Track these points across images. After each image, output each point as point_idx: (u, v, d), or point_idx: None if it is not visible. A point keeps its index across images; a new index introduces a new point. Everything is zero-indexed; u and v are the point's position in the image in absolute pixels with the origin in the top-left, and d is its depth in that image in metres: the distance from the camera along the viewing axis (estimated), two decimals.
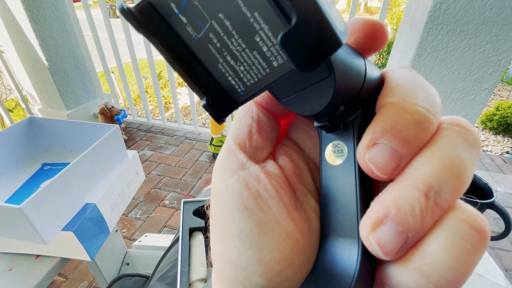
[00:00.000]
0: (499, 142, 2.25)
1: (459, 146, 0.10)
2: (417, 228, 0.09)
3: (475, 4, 0.92)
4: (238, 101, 0.12)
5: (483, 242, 0.09)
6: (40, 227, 0.39)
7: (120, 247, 0.72)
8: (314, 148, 0.16)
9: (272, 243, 0.12)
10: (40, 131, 0.60)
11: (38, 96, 1.87)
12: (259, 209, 0.13)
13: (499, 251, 1.15)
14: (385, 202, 0.10)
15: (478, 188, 0.52)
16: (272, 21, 0.09)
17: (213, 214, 0.14)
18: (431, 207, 0.09)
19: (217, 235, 0.14)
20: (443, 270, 0.09)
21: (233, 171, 0.13)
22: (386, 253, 0.10)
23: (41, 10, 1.54)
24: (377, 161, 0.10)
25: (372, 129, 0.10)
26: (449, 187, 0.09)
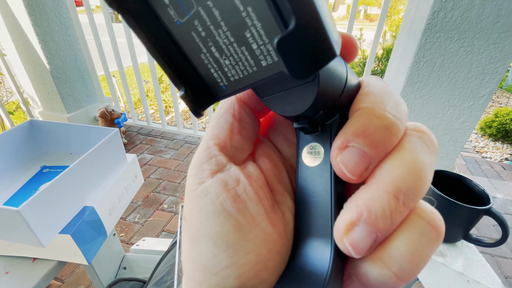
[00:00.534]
0: (498, 149, 2.25)
1: (421, 151, 0.11)
2: (386, 228, 0.10)
3: (472, 12, 0.93)
4: (219, 95, 0.11)
5: (437, 237, 0.11)
6: (38, 230, 0.39)
7: (118, 251, 0.72)
8: (291, 150, 0.16)
9: (249, 245, 0.12)
10: (40, 133, 0.61)
11: (39, 99, 1.87)
12: (237, 211, 0.12)
13: (499, 258, 1.14)
14: (357, 204, 0.10)
15: (476, 195, 0.52)
16: (267, 20, 0.08)
17: (188, 216, 0.13)
18: (400, 208, 0.10)
19: (190, 238, 0.13)
20: (402, 261, 0.10)
21: (212, 173, 0.13)
22: (358, 252, 0.10)
23: (44, 14, 1.56)
24: (348, 163, 0.11)
25: (344, 133, 0.11)
26: (415, 189, 0.10)
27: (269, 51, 0.09)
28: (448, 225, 0.51)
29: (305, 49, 0.08)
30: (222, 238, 0.12)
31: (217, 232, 0.12)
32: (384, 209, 0.10)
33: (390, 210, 0.10)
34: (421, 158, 0.11)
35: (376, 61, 2.58)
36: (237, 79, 0.11)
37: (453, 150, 1.23)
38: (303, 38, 0.08)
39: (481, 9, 0.92)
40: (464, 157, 2.04)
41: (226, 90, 0.11)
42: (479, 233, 1.26)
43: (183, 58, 0.11)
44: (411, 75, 1.11)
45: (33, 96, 1.89)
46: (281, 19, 0.08)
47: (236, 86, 0.11)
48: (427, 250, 0.10)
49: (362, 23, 11.65)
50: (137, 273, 0.73)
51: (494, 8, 0.90)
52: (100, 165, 0.52)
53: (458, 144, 1.21)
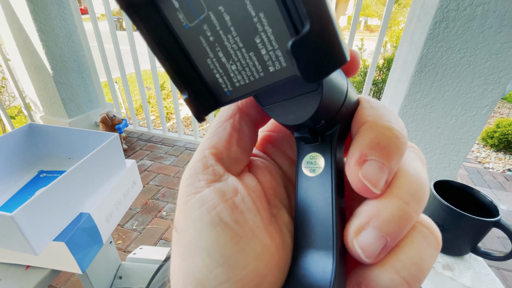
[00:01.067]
0: (501, 160, 2.23)
1: (419, 162, 0.12)
2: (395, 233, 0.10)
3: (474, 22, 0.94)
4: (223, 100, 0.11)
5: (438, 245, 0.11)
6: (31, 236, 0.37)
7: (114, 259, 0.70)
8: (290, 167, 0.16)
9: (246, 259, 0.11)
10: (40, 137, 0.60)
11: (41, 104, 1.88)
12: (235, 222, 0.12)
13: (504, 271, 1.12)
14: (368, 209, 0.11)
15: (483, 206, 0.51)
16: (278, 25, 0.08)
17: (180, 227, 0.13)
18: (408, 214, 0.11)
19: (182, 251, 0.12)
20: (411, 266, 0.10)
21: (208, 183, 0.12)
22: (368, 256, 0.11)
23: (49, 20, 1.58)
24: (370, 177, 0.11)
25: (359, 147, 0.11)
26: (420, 196, 0.11)
27: (278, 57, 0.09)
28: (456, 237, 0.50)
29: (318, 52, 0.08)
30: (218, 251, 0.11)
31: (213, 244, 0.11)
32: (393, 213, 0.10)
33: (398, 215, 0.10)
34: (420, 167, 0.12)
35: (377, 71, 2.60)
36: (242, 84, 0.11)
37: (456, 160, 1.22)
38: (317, 41, 0.08)
39: (483, 20, 0.92)
40: (467, 167, 2.02)
41: (230, 96, 0.11)
42: (484, 246, 1.23)
43: (188, 62, 0.11)
44: (413, 85, 1.11)
45: (35, 101, 1.90)
46: (292, 24, 0.08)
47: (241, 92, 0.11)
48: (431, 256, 0.11)
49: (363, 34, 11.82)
50: (133, 283, 0.71)
51: (497, 18, 0.91)
52: (98, 170, 0.51)
53: (461, 154, 1.20)
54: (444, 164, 1.25)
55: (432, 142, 1.21)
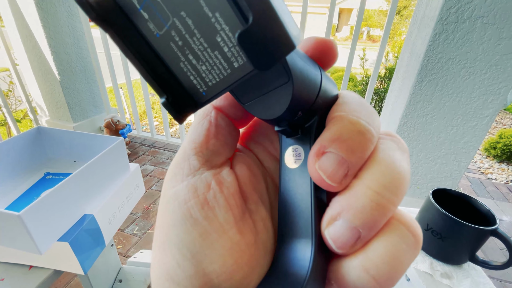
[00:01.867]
0: (504, 170, 2.22)
1: (395, 150, 0.11)
2: (368, 224, 0.10)
3: (473, 35, 0.96)
4: (200, 101, 0.12)
5: (416, 244, 0.11)
6: (37, 236, 0.38)
7: (115, 262, 0.71)
8: (272, 162, 0.16)
9: (214, 254, 0.12)
10: (47, 140, 0.62)
11: (47, 108, 1.91)
12: (204, 218, 0.12)
13: (506, 283, 1.10)
14: (340, 200, 0.11)
15: (481, 215, 0.51)
16: (232, 22, 0.09)
17: (157, 222, 0.13)
18: (381, 205, 0.10)
19: (157, 245, 0.13)
20: (380, 264, 0.10)
21: (183, 177, 0.13)
22: (339, 247, 0.11)
23: (58, 27, 1.62)
24: (327, 168, 0.11)
25: (321, 139, 0.11)
26: (394, 186, 0.10)
27: (238, 52, 0.10)
28: (454, 245, 0.50)
29: (264, 41, 0.08)
30: (187, 246, 0.12)
31: (183, 239, 0.12)
32: (364, 205, 0.10)
33: (370, 206, 0.10)
34: (397, 157, 0.11)
35: (379, 80, 2.62)
36: (214, 83, 0.11)
37: (457, 170, 1.22)
38: (261, 31, 0.08)
39: (483, 32, 0.94)
40: (469, 178, 2.01)
41: (206, 96, 0.12)
42: (487, 257, 1.22)
43: (164, 68, 0.11)
44: (413, 94, 1.12)
45: (42, 105, 1.93)
46: (242, 16, 0.08)
47: (215, 91, 0.11)
48: (406, 255, 0.10)
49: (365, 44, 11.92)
50: (133, 287, 0.71)
51: (496, 31, 0.93)
52: (103, 173, 0.52)
53: (463, 164, 1.20)
54: (445, 174, 1.25)
55: (433, 151, 1.21)
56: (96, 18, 0.09)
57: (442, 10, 0.95)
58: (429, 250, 0.53)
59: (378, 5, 12.43)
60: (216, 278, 0.12)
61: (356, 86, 2.77)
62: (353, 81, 2.86)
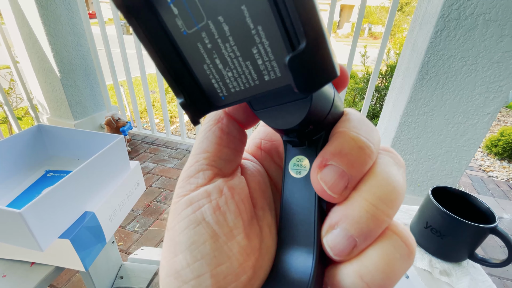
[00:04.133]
0: (505, 168, 2.21)
1: (392, 166, 0.12)
2: (364, 234, 0.11)
3: (475, 32, 0.95)
4: (217, 104, 0.12)
5: (410, 254, 0.11)
6: (38, 233, 0.39)
7: (116, 259, 0.71)
8: (276, 171, 0.17)
9: (222, 257, 0.12)
10: (48, 138, 0.62)
11: (47, 106, 1.91)
12: (216, 222, 0.13)
13: (506, 280, 1.10)
14: (338, 210, 0.12)
15: (481, 213, 0.51)
16: (275, 39, 0.09)
17: (169, 224, 0.14)
18: (377, 216, 0.11)
19: (168, 246, 0.14)
20: (375, 272, 0.11)
21: (198, 186, 0.13)
22: (336, 254, 0.11)
23: (58, 25, 1.62)
24: (327, 180, 0.11)
25: (323, 153, 0.12)
26: (390, 198, 0.11)
27: (273, 67, 0.10)
28: (453, 243, 0.50)
29: (312, 67, 0.09)
30: (197, 247, 0.12)
31: (194, 241, 0.12)
32: (360, 215, 0.11)
33: (366, 217, 0.11)
34: (393, 171, 0.12)
35: (380, 77, 2.61)
36: (237, 91, 0.11)
37: (458, 167, 1.22)
38: (311, 57, 0.08)
39: (484, 29, 0.94)
40: (470, 175, 2.01)
41: (225, 101, 0.12)
42: (487, 255, 1.22)
43: (184, 66, 0.11)
44: (414, 92, 1.12)
45: (42, 103, 1.93)
46: (289, 40, 0.09)
47: (235, 98, 0.11)
48: (400, 265, 0.11)
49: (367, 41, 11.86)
50: (133, 283, 0.72)
51: (497, 28, 0.92)
52: (103, 171, 0.53)
53: (463, 161, 1.20)
54: (446, 172, 1.24)
55: (434, 149, 1.21)
56: (121, 5, 0.09)
57: (444, 7, 0.94)
58: (428, 248, 0.54)
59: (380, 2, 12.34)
60: (223, 280, 0.12)
61: (357, 83, 2.76)
62: (354, 78, 2.85)
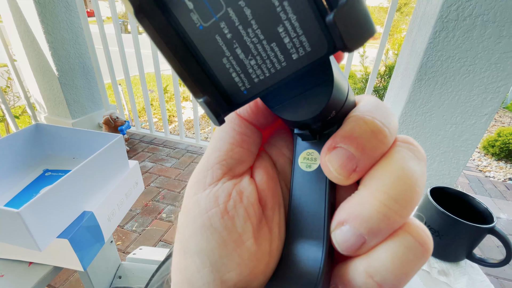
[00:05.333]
0: (502, 168, 2.23)
1: (411, 160, 0.11)
2: (374, 233, 0.11)
3: (473, 33, 0.95)
4: (239, 101, 0.11)
5: (424, 253, 0.11)
6: (36, 233, 0.38)
7: (114, 259, 0.71)
8: (285, 164, 0.16)
9: (232, 264, 0.12)
10: (45, 137, 0.61)
11: (45, 104, 1.90)
12: (224, 228, 0.12)
13: (503, 280, 1.11)
14: (349, 207, 0.11)
15: (478, 213, 0.51)
16: (303, 11, 0.08)
17: (179, 227, 0.13)
18: (389, 216, 0.10)
19: (179, 249, 0.13)
20: (385, 272, 0.10)
21: (206, 186, 0.13)
22: (343, 249, 0.11)
23: (56, 23, 1.61)
24: (335, 162, 0.11)
25: (334, 136, 0.12)
26: (405, 198, 0.10)
27: (302, 42, 0.09)
28: (451, 243, 0.51)
29: (357, 21, 0.08)
30: (206, 254, 0.12)
31: (202, 248, 0.12)
32: (371, 215, 0.10)
33: (377, 217, 0.10)
34: (411, 167, 0.11)
35: (378, 78, 2.61)
36: (261, 79, 0.10)
37: (456, 168, 1.22)
38: (355, 10, 0.08)
39: (483, 30, 0.94)
40: (467, 175, 2.02)
41: (247, 95, 0.11)
42: (484, 255, 1.23)
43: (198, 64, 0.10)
44: (413, 92, 1.12)
45: (40, 101, 1.92)
46: (318, 7, 0.08)
47: (259, 88, 0.11)
48: (412, 266, 0.10)
49: None
50: (132, 283, 0.71)
51: (496, 29, 0.92)
52: (102, 170, 0.52)
53: (461, 162, 1.20)
54: (443, 172, 1.25)
55: (432, 149, 1.21)
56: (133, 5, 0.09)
57: (442, 8, 0.95)
58: None
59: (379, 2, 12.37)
60: (234, 286, 0.12)
61: (355, 84, 2.76)
62: (352, 79, 2.86)
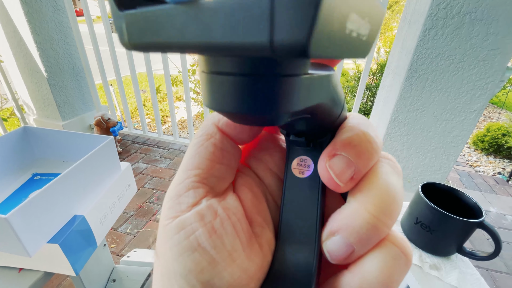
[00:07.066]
0: (491, 163, 2.28)
1: (393, 175, 0.12)
2: (363, 243, 0.11)
3: (462, 30, 0.97)
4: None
5: (407, 263, 0.12)
6: (25, 238, 0.38)
7: (107, 262, 0.70)
8: (272, 179, 0.16)
9: (223, 283, 0.11)
10: (34, 140, 0.60)
11: (34, 106, 1.86)
12: (213, 247, 0.12)
13: (494, 272, 1.14)
14: (340, 218, 0.12)
15: (468, 208, 0.52)
16: None
17: (159, 251, 0.13)
18: (377, 227, 0.11)
19: (161, 276, 0.12)
20: (374, 281, 0.11)
21: (189, 206, 0.12)
22: (333, 259, 0.12)
23: (43, 23, 1.57)
24: (335, 168, 0.12)
25: (333, 143, 0.12)
26: (391, 209, 0.11)
27: None
28: (442, 238, 0.51)
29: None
30: (195, 276, 0.11)
31: (191, 270, 0.11)
32: (361, 226, 0.11)
33: (367, 228, 0.11)
34: (394, 181, 0.12)
35: (370, 75, 2.64)
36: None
37: (446, 163, 1.25)
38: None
39: (471, 28, 0.96)
40: (458, 170, 2.06)
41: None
42: (474, 247, 1.25)
43: None
44: (404, 90, 1.13)
45: (28, 103, 1.88)
46: None
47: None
48: (399, 274, 0.11)
49: None
50: (126, 286, 0.71)
51: (483, 26, 0.94)
52: (93, 173, 0.52)
53: (451, 157, 1.22)
54: (435, 168, 1.27)
55: (423, 145, 1.23)
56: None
57: (431, 6, 0.96)
58: (418, 243, 0.55)
59: None
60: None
61: (348, 82, 2.78)
62: (345, 77, 2.87)
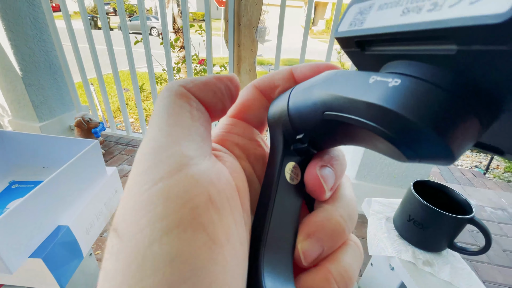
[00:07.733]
0: (468, 157, 2.39)
1: (351, 188, 0.16)
2: (331, 245, 0.13)
3: None
4: None
5: (362, 255, 0.14)
6: (5, 254, 0.35)
7: (94, 272, 0.67)
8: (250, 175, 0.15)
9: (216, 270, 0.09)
10: (9, 145, 0.56)
11: (8, 107, 1.76)
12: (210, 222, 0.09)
13: (476, 263, 1.19)
14: (314, 222, 0.13)
15: (456, 204, 0.54)
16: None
17: (126, 230, 0.09)
18: (345, 230, 0.13)
19: (127, 265, 0.08)
20: (344, 273, 0.13)
21: (177, 166, 0.10)
22: (306, 260, 0.13)
23: (18, 19, 1.48)
24: (325, 177, 0.14)
25: (321, 157, 0.15)
26: (354, 216, 0.14)
27: None
28: (434, 234, 0.53)
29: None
30: (186, 261, 0.08)
31: (181, 252, 0.08)
32: (333, 230, 0.13)
33: (337, 232, 0.13)
34: (352, 194, 0.15)
35: None
36: None
37: None
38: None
39: None
40: None
41: None
42: (466, 240, 1.31)
43: None
44: None
45: (2, 104, 1.77)
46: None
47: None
48: (358, 267, 0.14)
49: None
50: None
51: None
52: (77, 180, 0.49)
53: None
54: (420, 164, 1.31)
55: None
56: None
57: None
58: (411, 240, 0.56)
59: None
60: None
61: None
62: None
